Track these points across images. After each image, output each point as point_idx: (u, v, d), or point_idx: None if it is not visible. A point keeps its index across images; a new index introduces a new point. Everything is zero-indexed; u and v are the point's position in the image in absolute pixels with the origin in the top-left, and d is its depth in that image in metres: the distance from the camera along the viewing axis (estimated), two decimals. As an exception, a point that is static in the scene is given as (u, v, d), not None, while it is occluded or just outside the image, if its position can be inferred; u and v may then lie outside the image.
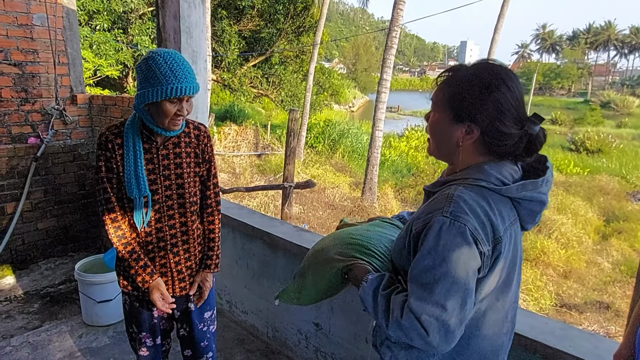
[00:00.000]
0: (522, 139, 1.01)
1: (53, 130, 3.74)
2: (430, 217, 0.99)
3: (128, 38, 13.70)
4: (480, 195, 1.00)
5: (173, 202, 1.64)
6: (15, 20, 3.49)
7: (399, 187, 12.60)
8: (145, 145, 1.58)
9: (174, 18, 2.75)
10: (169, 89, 1.45)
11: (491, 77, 1.00)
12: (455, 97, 1.03)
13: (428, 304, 0.95)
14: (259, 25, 16.69)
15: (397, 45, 11.15)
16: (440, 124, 1.07)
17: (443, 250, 0.95)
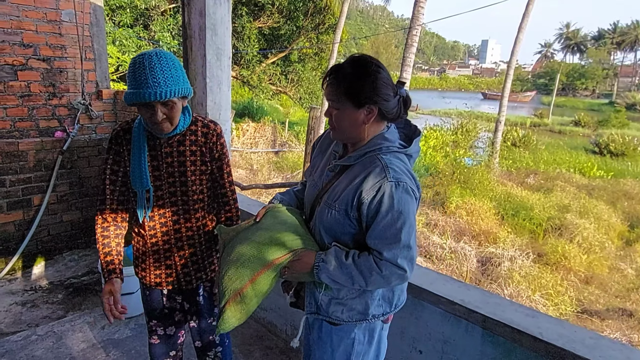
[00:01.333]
0: (399, 102, 1.31)
1: (79, 125, 3.81)
2: (379, 185, 1.23)
3: (150, 34, 13.87)
4: (398, 157, 1.30)
5: (177, 199, 1.67)
6: (45, 16, 3.57)
7: (417, 187, 12.49)
8: (150, 143, 1.62)
9: (200, 15, 2.76)
10: (130, 94, 1.45)
11: (370, 64, 1.27)
12: (351, 90, 1.26)
13: (399, 249, 1.23)
14: (278, 22, 16.70)
15: (417, 44, 11.03)
16: (345, 115, 1.29)
17: (398, 206, 1.22)
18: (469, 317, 1.73)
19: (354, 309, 1.38)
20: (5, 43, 3.40)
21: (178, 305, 1.84)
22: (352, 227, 1.30)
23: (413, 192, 1.26)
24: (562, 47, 77.96)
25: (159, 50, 1.50)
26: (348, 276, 1.27)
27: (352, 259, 1.27)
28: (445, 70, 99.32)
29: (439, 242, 8.54)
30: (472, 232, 9.59)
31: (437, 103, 43.61)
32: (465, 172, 12.44)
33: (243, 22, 15.49)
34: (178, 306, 1.84)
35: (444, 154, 15.88)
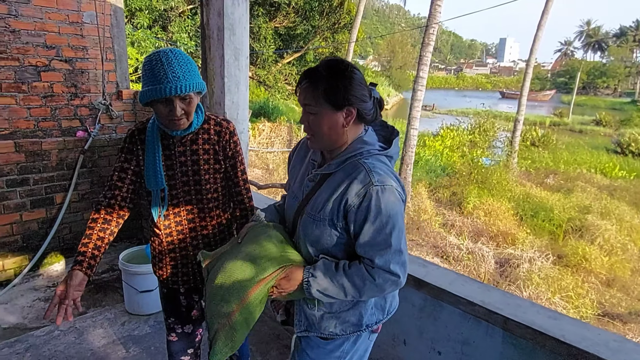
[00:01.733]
0: (374, 103, 1.29)
1: (100, 125, 3.88)
2: (364, 191, 1.19)
3: (168, 35, 14.06)
4: (380, 160, 1.27)
5: (192, 198, 1.67)
6: (67, 18, 3.64)
7: (433, 187, 12.37)
8: (164, 142, 1.63)
9: (218, 15, 2.78)
10: (151, 90, 1.45)
11: (345, 66, 1.24)
12: (330, 92, 1.22)
13: (391, 255, 1.20)
14: (294, 22, 16.75)
15: (434, 43, 10.93)
16: (324, 119, 1.25)
17: (386, 210, 1.18)
18: (489, 318, 1.70)
19: (348, 321, 1.34)
20: (29, 45, 3.48)
21: (196, 304, 1.85)
22: (340, 237, 1.27)
23: (400, 195, 1.23)
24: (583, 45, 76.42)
25: (173, 48, 1.52)
26: (340, 289, 1.23)
27: (343, 270, 1.23)
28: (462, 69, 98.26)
29: (456, 243, 8.45)
30: (490, 233, 9.47)
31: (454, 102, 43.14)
32: (483, 172, 12.29)
33: (259, 23, 15.58)
34: (196, 305, 1.85)
35: (461, 154, 15.71)
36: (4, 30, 3.34)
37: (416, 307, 1.98)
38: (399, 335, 2.08)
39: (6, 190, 3.43)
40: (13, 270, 3.53)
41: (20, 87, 3.50)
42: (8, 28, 3.36)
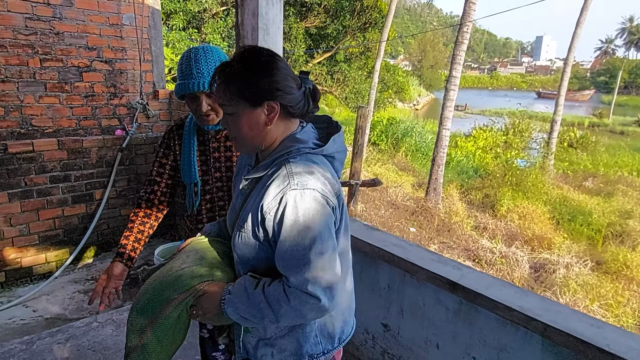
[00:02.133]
0: (305, 95, 1.14)
1: (137, 123, 3.99)
2: (281, 195, 1.03)
3: (201, 36, 14.34)
4: (310, 160, 1.10)
5: (224, 194, 1.70)
6: (107, 20, 3.76)
7: (465, 188, 12.13)
8: (200, 138, 1.67)
9: (253, 15, 2.81)
10: (177, 86, 1.52)
11: (261, 55, 1.10)
12: (244, 87, 1.08)
13: (308, 273, 1.00)
14: (325, 22, 16.77)
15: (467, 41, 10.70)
16: (243, 118, 1.10)
17: (305, 219, 1.01)
18: (528, 324, 1.65)
19: (285, 349, 1.16)
20: (72, 46, 3.62)
21: None
22: (265, 250, 1.10)
23: (327, 200, 1.05)
24: (625, 43, 73.12)
25: (207, 45, 1.56)
26: (257, 309, 1.05)
27: (262, 288, 1.06)
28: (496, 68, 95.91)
29: (488, 246, 8.25)
30: (524, 236, 9.19)
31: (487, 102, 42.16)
32: (518, 174, 11.95)
33: (290, 23, 15.69)
34: None
35: (495, 155, 15.33)
36: (49, 32, 3.49)
37: (450, 310, 1.94)
38: (432, 338, 2.05)
39: (49, 186, 3.58)
40: (55, 262, 3.68)
41: (64, 87, 3.64)
42: (53, 30, 3.51)
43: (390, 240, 2.27)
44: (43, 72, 3.52)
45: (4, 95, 3.38)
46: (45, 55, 3.50)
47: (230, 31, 14.30)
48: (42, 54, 3.49)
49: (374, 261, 2.28)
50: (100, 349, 2.57)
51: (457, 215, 9.94)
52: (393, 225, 9.21)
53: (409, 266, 2.03)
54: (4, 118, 3.41)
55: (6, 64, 3.36)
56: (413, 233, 8.95)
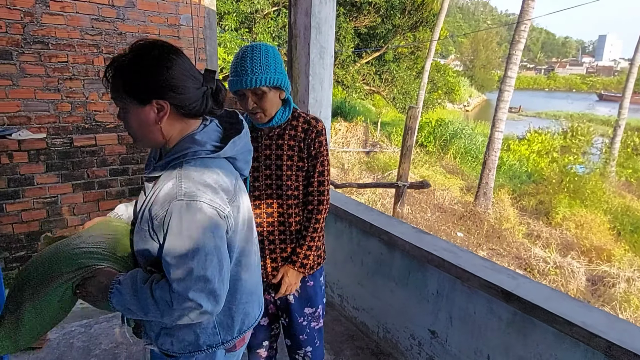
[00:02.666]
0: (206, 95, 1.10)
1: (190, 120, 4.12)
2: (168, 204, 1.01)
3: (252, 37, 14.65)
4: (204, 165, 1.07)
5: (272, 192, 1.69)
6: (166, 20, 3.91)
7: (517, 194, 11.62)
8: (253, 134, 1.66)
9: (305, 15, 2.82)
10: (228, 83, 1.54)
11: (152, 49, 1.04)
12: (129, 84, 1.03)
13: (191, 282, 1.00)
14: (374, 21, 16.64)
15: (525, 40, 10.24)
16: (131, 115, 1.07)
17: (189, 231, 1.00)
18: (590, 341, 1.54)
19: (184, 340, 1.18)
20: (134, 46, 3.79)
21: (272, 299, 1.87)
22: (158, 249, 1.09)
23: (216, 210, 1.03)
24: (702, 41, 67.24)
25: (259, 43, 1.56)
26: (142, 304, 1.04)
27: (151, 284, 1.05)
28: (553, 69, 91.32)
29: (541, 256, 7.86)
30: (581, 247, 8.68)
31: (543, 104, 40.23)
32: (576, 181, 11.31)
33: (339, 22, 15.69)
34: (272, 299, 1.87)
35: (551, 160, 14.59)
36: (112, 32, 3.68)
37: (503, 321, 1.85)
38: (482, 349, 1.96)
39: (109, 179, 3.77)
40: (112, 251, 3.87)
41: (124, 85, 3.82)
42: (116, 30, 3.69)
43: (440, 245, 2.20)
44: (106, 70, 3.72)
45: (71, 92, 3.60)
46: (108, 54, 3.69)
47: (280, 31, 14.51)
48: (106, 53, 3.68)
49: (422, 265, 2.22)
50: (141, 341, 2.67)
51: (508, 221, 9.54)
52: (439, 229, 8.98)
53: (460, 272, 1.96)
54: (70, 113, 3.63)
55: (74, 62, 3.57)
56: (460, 238, 8.69)
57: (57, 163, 3.50)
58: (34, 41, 3.40)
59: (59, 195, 3.56)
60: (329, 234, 2.90)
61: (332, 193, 3.00)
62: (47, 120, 3.57)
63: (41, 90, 3.50)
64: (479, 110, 36.94)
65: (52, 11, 3.42)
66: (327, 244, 2.89)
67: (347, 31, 15.95)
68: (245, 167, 1.23)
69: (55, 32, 3.47)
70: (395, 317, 2.46)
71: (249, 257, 1.24)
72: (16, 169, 3.35)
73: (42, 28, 3.41)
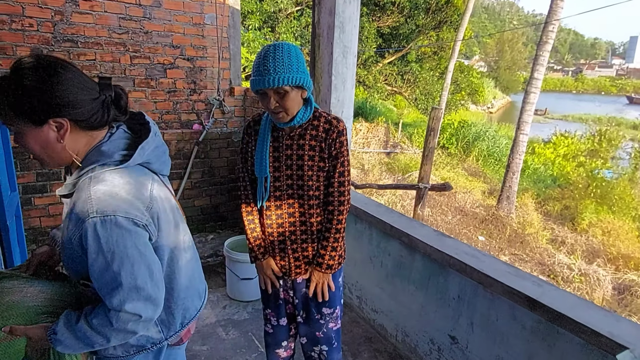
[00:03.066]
0: (105, 103, 1.05)
1: (213, 119, 4.16)
2: (82, 223, 0.98)
3: (275, 36, 14.71)
4: (114, 177, 1.03)
5: (293, 192, 1.69)
6: (191, 19, 3.96)
7: (542, 198, 11.35)
8: (274, 134, 1.68)
9: (329, 14, 2.81)
10: (250, 82, 1.55)
11: (41, 67, 0.97)
12: (20, 106, 0.96)
13: (124, 295, 0.99)
14: (398, 21, 16.49)
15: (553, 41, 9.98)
16: (29, 137, 1.01)
17: (108, 246, 0.98)
18: (619, 353, 1.48)
19: (127, 343, 1.17)
20: (159, 45, 3.85)
21: (290, 299, 1.87)
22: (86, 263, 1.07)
23: (134, 221, 1.01)
24: None
25: (281, 42, 1.56)
26: (86, 340, 1.03)
27: (85, 319, 1.03)
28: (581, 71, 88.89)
29: (566, 262, 7.66)
30: (607, 254, 8.42)
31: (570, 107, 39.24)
32: (603, 186, 10.98)
33: (362, 22, 15.62)
34: (291, 299, 1.87)
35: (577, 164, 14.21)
36: (139, 31, 3.74)
37: (527, 329, 1.80)
38: (504, 356, 1.92)
39: (133, 175, 3.84)
40: (134, 246, 3.94)
41: (149, 83, 3.88)
42: (142, 29, 3.75)
43: (462, 249, 2.16)
44: (132, 68, 3.78)
45: (98, 90, 3.67)
46: (135, 52, 3.76)
47: (303, 31, 14.54)
48: (132, 51, 3.75)
49: (443, 269, 2.19)
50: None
51: (532, 226, 9.33)
52: (460, 232, 8.85)
53: (483, 277, 1.92)
54: (97, 110, 3.70)
55: (101, 60, 3.65)
56: (482, 242, 8.54)
57: (84, 159, 3.58)
58: (64, 39, 3.49)
59: (84, 190, 3.64)
60: (349, 234, 2.88)
61: (353, 194, 2.98)
62: (75, 117, 3.65)
63: (70, 88, 3.58)
64: (503, 112, 36.25)
65: (81, 10, 3.50)
66: (347, 245, 2.87)
67: (369, 31, 15.86)
68: (164, 167, 1.22)
69: (84, 31, 3.55)
70: (415, 321, 2.43)
71: (181, 255, 1.23)
72: (44, 164, 3.44)
73: (71, 27, 3.49)
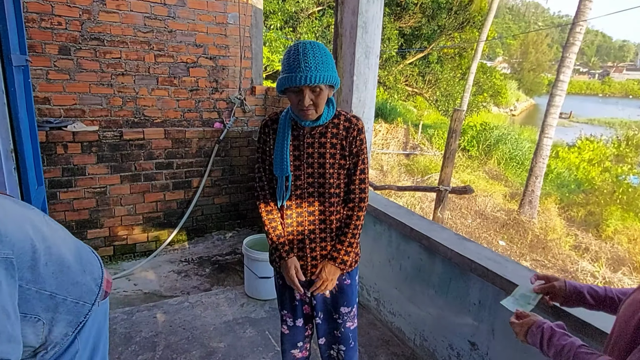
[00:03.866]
0: None
1: (234, 117, 4.19)
2: None
3: (296, 36, 14.75)
4: None
5: (314, 190, 1.68)
6: (214, 19, 3.99)
7: (565, 203, 11.08)
8: (294, 132, 1.67)
9: (352, 13, 2.79)
10: (285, 78, 1.51)
11: None
12: None
13: None
14: (420, 21, 16.34)
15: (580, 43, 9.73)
16: None
17: None
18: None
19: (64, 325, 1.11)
20: (182, 43, 3.89)
21: (307, 299, 1.86)
22: None
23: None
24: None
25: (313, 40, 1.56)
26: None
27: None
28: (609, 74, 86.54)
29: (589, 270, 7.46)
30: (634, 262, 8.17)
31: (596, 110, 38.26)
32: (630, 192, 10.66)
33: (384, 22, 15.53)
34: (307, 299, 1.86)
35: (603, 169, 13.83)
36: (163, 30, 3.79)
37: (551, 337, 1.75)
38: (526, 365, 1.87)
39: (155, 172, 3.89)
40: (154, 242, 4.00)
41: (172, 81, 3.93)
42: (167, 28, 3.80)
43: (484, 254, 2.11)
44: (156, 67, 3.84)
45: (123, 87, 3.74)
46: (159, 51, 3.81)
47: (324, 31, 14.54)
48: (156, 50, 3.80)
49: (464, 274, 2.15)
50: (189, 328, 2.73)
51: (554, 231, 9.12)
52: (480, 236, 8.70)
53: (505, 283, 1.87)
54: (121, 108, 3.77)
55: (126, 58, 3.71)
56: (502, 247, 8.39)
57: (108, 155, 3.64)
58: (91, 38, 3.56)
59: (107, 185, 3.70)
60: (368, 236, 2.86)
61: (372, 195, 2.96)
62: (100, 114, 3.72)
63: (95, 85, 3.65)
64: (527, 115, 35.58)
65: (108, 9, 3.56)
66: (365, 246, 2.85)
67: (391, 31, 15.75)
68: None
69: (111, 30, 3.61)
70: (433, 325, 2.39)
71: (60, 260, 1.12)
72: (70, 159, 3.52)
73: (98, 25, 3.56)
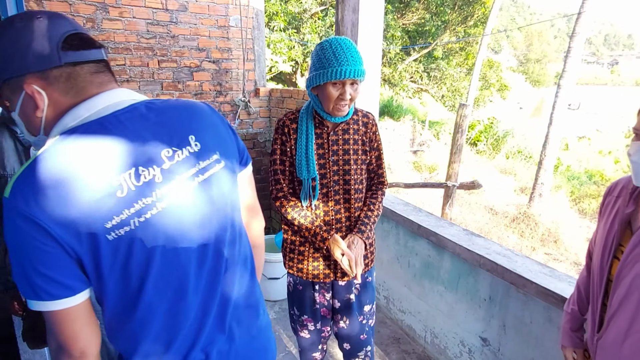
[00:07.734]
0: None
1: (239, 120, 4.20)
2: None
3: (300, 36, 14.76)
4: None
5: (339, 188, 1.66)
6: (216, 22, 4.00)
7: (576, 196, 10.96)
8: (317, 130, 1.63)
9: (353, 11, 2.78)
10: (330, 72, 1.48)
11: None
12: None
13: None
14: (423, 18, 16.28)
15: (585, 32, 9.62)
16: None
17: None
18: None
19: None
20: (185, 48, 3.91)
21: (326, 302, 1.82)
22: None
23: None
24: None
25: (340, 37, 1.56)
26: None
27: None
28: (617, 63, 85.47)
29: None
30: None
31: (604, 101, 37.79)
32: (642, 182, 10.51)
33: (387, 20, 15.48)
34: (326, 303, 1.83)
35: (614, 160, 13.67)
36: (166, 35, 3.81)
37: (563, 331, 1.73)
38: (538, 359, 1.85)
39: (162, 177, 3.91)
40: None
41: (177, 86, 3.95)
42: (169, 34, 3.82)
43: (494, 249, 2.09)
44: (160, 72, 3.86)
45: (127, 94, 3.76)
46: (162, 56, 3.83)
47: (327, 31, 14.53)
48: (160, 55, 3.82)
49: (474, 269, 2.13)
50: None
51: (566, 224, 9.02)
52: (490, 231, 8.64)
53: (515, 278, 1.86)
54: (127, 114, 3.79)
55: (130, 65, 3.73)
56: (513, 241, 8.32)
57: (115, 161, 3.67)
58: (95, 46, 3.58)
59: (116, 192, 3.73)
60: (375, 234, 2.85)
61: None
62: (106, 121, 3.75)
63: (101, 92, 3.68)
64: (534, 108, 35.26)
65: (111, 17, 3.59)
66: (373, 245, 2.84)
67: (395, 29, 15.71)
68: None
69: (114, 37, 3.64)
70: (444, 322, 2.37)
71: None
72: (78, 167, 3.54)
73: (102, 33, 3.59)
